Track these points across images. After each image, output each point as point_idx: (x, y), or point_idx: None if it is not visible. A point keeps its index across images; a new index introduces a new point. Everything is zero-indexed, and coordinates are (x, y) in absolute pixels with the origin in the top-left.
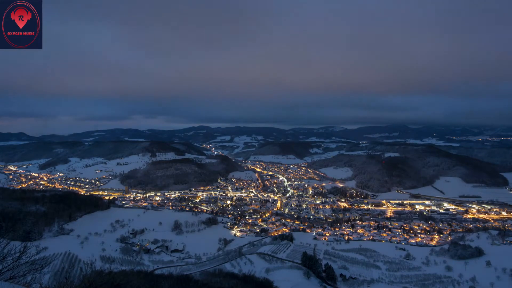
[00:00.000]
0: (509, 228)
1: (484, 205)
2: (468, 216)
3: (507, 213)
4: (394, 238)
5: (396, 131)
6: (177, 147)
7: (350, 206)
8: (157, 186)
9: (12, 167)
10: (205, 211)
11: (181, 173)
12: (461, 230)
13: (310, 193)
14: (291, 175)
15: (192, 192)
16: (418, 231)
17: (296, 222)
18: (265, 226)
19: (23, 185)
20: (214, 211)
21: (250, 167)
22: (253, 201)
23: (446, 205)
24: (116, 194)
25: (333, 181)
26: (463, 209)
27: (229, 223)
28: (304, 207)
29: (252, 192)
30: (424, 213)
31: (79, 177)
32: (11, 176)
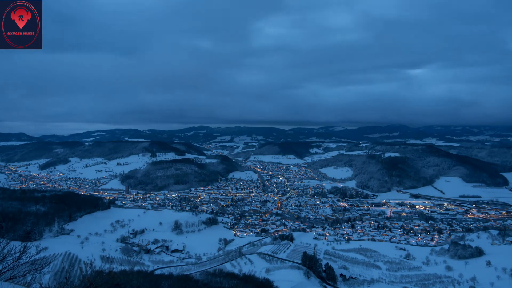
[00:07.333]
0: (509, 228)
1: (484, 205)
2: (468, 216)
3: (507, 213)
4: (394, 238)
5: (396, 131)
6: (177, 147)
7: (350, 206)
8: (157, 186)
9: (12, 167)
10: (205, 211)
11: (181, 173)
12: (461, 230)
13: (310, 193)
14: (291, 175)
15: (192, 192)
16: (418, 231)
17: (296, 222)
18: (265, 226)
19: (23, 185)
20: (214, 211)
21: (250, 167)
22: (253, 201)
23: (446, 205)
24: (116, 194)
25: (333, 181)
26: (463, 209)
27: (229, 223)
28: (304, 207)
29: (252, 192)
30: (424, 213)
31: (79, 177)
32: (11, 176)
